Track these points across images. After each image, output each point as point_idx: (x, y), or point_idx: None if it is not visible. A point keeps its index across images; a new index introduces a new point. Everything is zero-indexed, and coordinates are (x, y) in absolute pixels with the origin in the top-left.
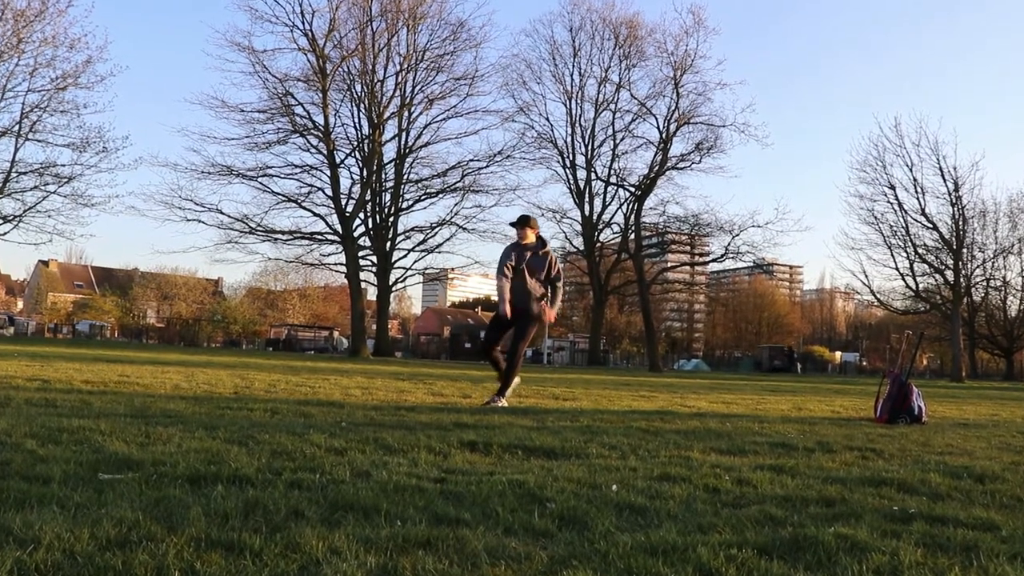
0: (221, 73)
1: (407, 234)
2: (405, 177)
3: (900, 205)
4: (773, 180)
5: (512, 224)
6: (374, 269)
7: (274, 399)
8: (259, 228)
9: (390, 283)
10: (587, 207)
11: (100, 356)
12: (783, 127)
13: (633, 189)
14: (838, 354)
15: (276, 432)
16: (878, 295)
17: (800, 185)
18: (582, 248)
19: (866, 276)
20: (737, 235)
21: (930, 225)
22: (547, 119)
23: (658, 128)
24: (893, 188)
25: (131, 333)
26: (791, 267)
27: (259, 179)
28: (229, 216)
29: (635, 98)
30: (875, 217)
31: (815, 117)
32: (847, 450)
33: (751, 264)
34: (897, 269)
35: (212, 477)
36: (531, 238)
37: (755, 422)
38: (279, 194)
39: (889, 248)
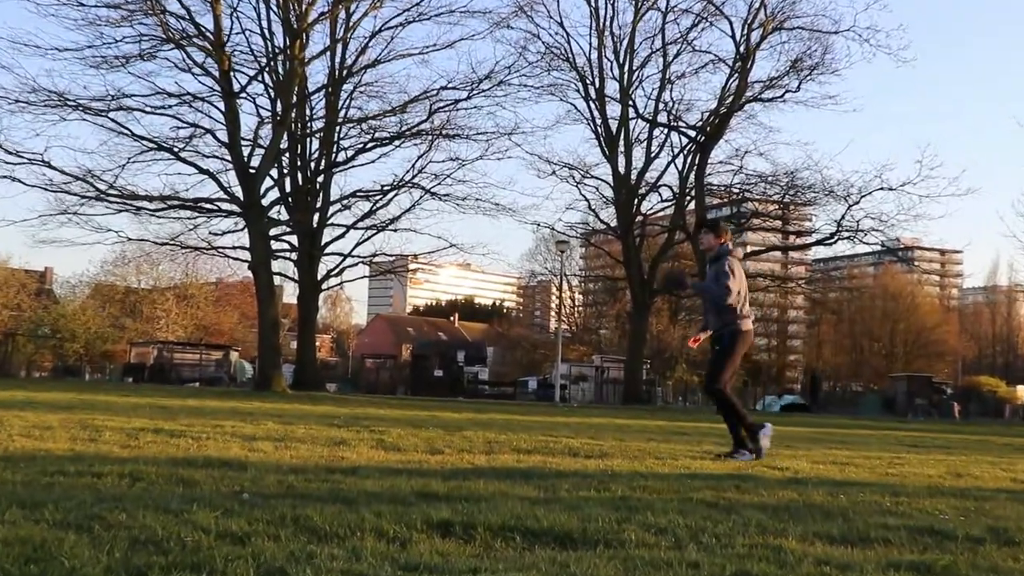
0: None
1: (346, 202)
2: (343, 114)
3: None
4: (915, 117)
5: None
6: (294, 256)
7: (136, 457)
8: (112, 191)
9: (319, 278)
10: (622, 160)
11: None
12: (931, 32)
13: (693, 132)
14: (1021, 389)
15: (139, 509)
16: None
17: (959, 124)
18: (614, 224)
19: None
20: (856, 203)
21: None
22: (560, 24)
23: (733, 37)
24: None
25: None
26: (943, 252)
27: (111, 114)
28: (63, 172)
29: None
30: None
31: (983, 13)
32: None
33: (878, 248)
34: None
35: None
36: (712, 245)
37: (886, 494)
38: (143, 138)
39: None
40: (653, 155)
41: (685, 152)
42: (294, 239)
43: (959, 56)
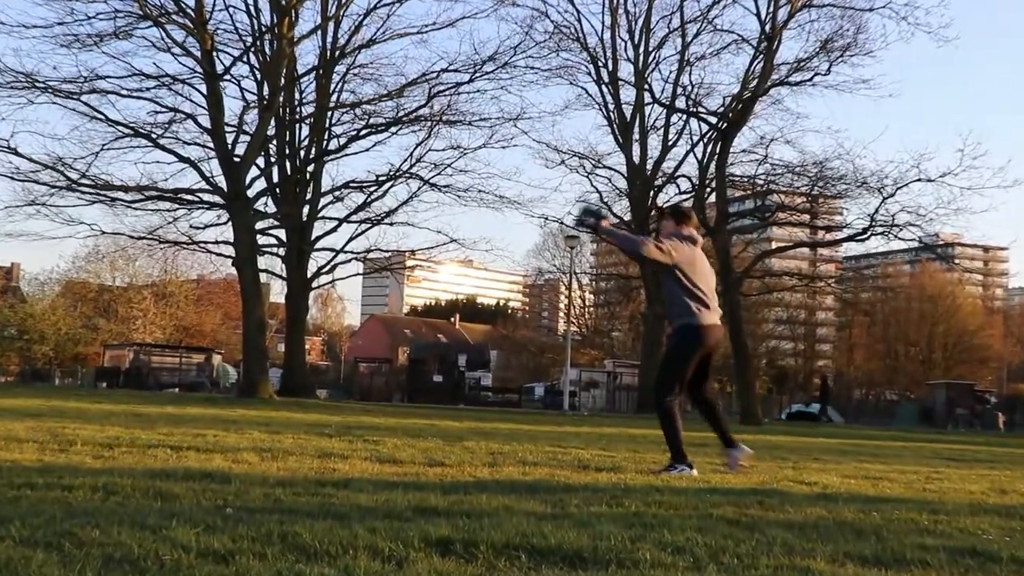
0: None
1: (338, 193)
2: (335, 98)
3: None
4: (956, 102)
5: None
6: (282, 251)
7: (111, 469)
8: (84, 181)
9: (309, 275)
10: (637, 149)
11: None
12: (975, 9)
13: (715, 119)
14: None
15: (113, 525)
16: None
17: (1005, 109)
18: (628, 218)
19: None
20: (892, 195)
21: None
22: (571, 1)
23: (758, 15)
24: None
25: None
26: (986, 249)
27: (83, 97)
28: (31, 160)
29: None
30: None
31: None
32: None
33: (915, 244)
34: None
35: None
36: (669, 235)
37: (923, 511)
38: (118, 124)
39: None
40: (671, 143)
41: (705, 140)
42: (282, 233)
43: (1006, 35)
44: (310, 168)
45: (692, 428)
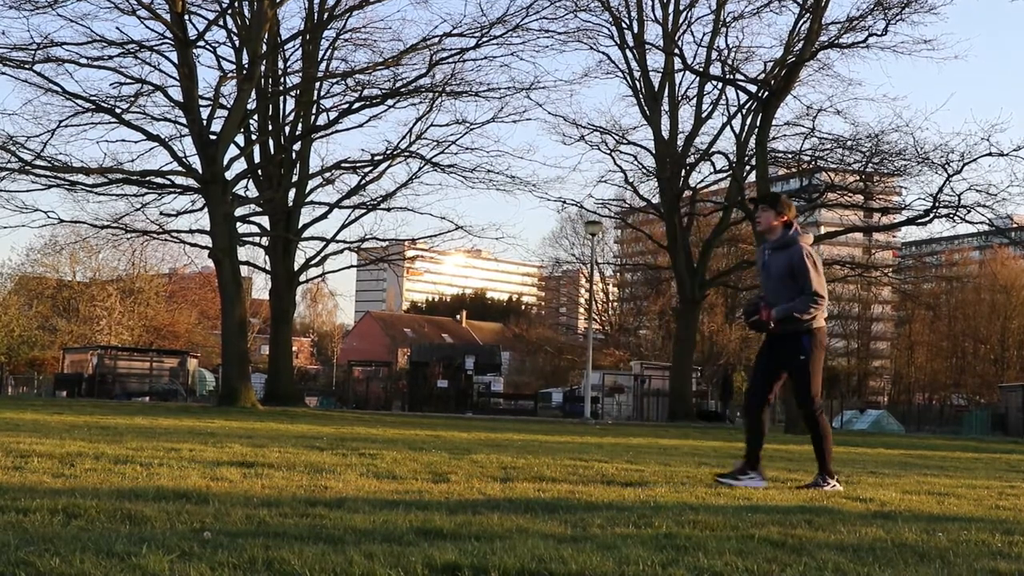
0: None
1: (328, 175)
2: (323, 67)
3: None
4: None
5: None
6: (265, 242)
7: (72, 489)
8: (39, 162)
9: (296, 268)
10: (666, 122)
11: None
12: None
13: (754, 87)
14: None
15: (75, 552)
16: None
17: None
18: (656, 201)
19: None
20: (958, 172)
21: None
22: None
23: None
24: None
25: None
26: None
27: (36, 67)
28: None
29: None
30: None
31: None
32: None
33: (985, 228)
34: None
35: None
36: (773, 226)
37: (995, 532)
38: (78, 97)
39: None
40: (704, 115)
41: (744, 111)
42: (265, 221)
43: None
44: (296, 147)
45: (738, 438)
